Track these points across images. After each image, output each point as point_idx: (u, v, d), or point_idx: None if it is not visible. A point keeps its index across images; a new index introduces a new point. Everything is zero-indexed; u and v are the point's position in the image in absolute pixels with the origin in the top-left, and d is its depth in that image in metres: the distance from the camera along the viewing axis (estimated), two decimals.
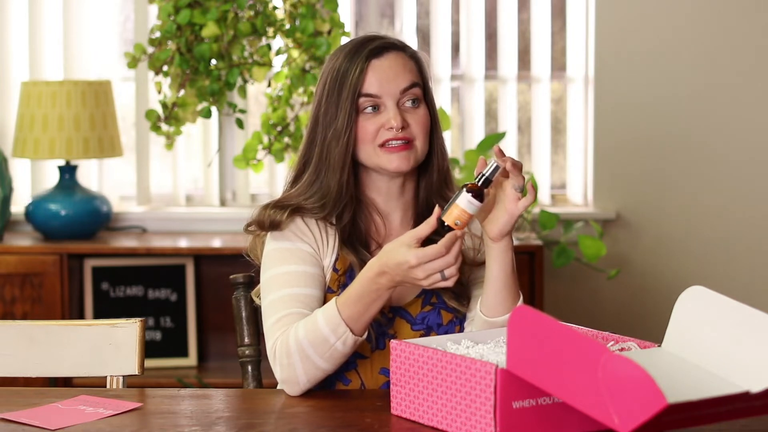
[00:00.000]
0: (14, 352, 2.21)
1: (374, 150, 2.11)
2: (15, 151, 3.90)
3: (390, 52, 2.13)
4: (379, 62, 2.12)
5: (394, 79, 2.11)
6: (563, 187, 4.34)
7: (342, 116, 2.10)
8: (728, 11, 4.14)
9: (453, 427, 1.73)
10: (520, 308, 1.62)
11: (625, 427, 1.46)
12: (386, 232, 2.18)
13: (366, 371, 2.12)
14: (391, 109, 2.10)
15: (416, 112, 2.12)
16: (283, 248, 2.12)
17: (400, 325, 2.14)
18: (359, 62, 2.11)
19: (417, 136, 2.11)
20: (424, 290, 2.15)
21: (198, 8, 3.61)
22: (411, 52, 2.17)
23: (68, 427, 1.82)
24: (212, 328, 4.12)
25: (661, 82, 4.16)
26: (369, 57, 2.11)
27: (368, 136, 2.10)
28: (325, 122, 2.12)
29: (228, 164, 4.22)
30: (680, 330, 1.79)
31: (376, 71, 2.11)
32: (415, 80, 2.13)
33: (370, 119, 2.11)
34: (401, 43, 2.17)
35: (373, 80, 2.10)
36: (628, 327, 4.12)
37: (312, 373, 2.01)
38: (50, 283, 3.80)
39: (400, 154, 2.10)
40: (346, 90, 2.10)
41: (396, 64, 2.12)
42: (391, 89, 2.11)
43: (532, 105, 4.27)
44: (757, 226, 4.19)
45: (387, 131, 2.10)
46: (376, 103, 2.11)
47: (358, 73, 2.10)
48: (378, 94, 2.10)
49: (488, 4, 4.23)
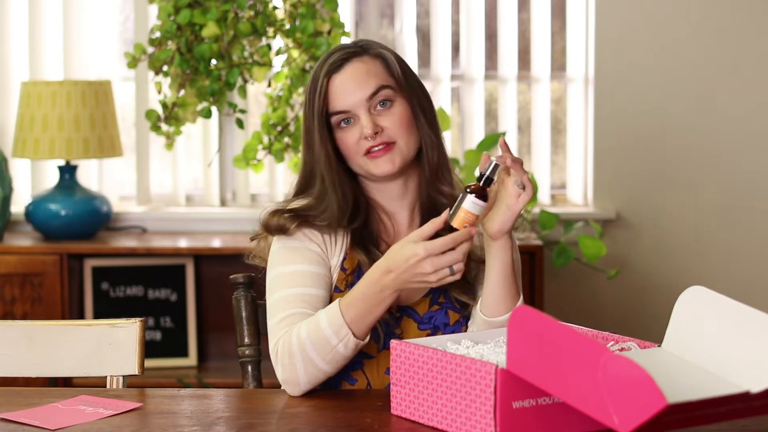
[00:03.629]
0: (14, 352, 2.21)
1: (361, 159, 2.11)
2: (15, 151, 3.90)
3: (349, 63, 2.11)
4: (339, 76, 2.11)
5: (358, 89, 2.09)
6: (563, 187, 4.34)
7: (317, 136, 2.11)
8: (728, 12, 4.14)
9: (453, 427, 1.73)
10: (520, 308, 1.62)
11: (625, 427, 1.46)
12: (395, 232, 2.19)
13: (372, 371, 2.12)
14: (362, 117, 2.09)
15: (390, 112, 2.11)
16: (291, 247, 2.13)
17: (407, 324, 2.14)
18: (321, 81, 2.10)
19: (397, 135, 2.10)
20: (431, 290, 2.15)
21: (198, 8, 3.61)
22: (375, 52, 2.14)
23: (68, 427, 1.82)
24: (212, 328, 4.12)
25: (661, 82, 4.16)
26: (328, 73, 2.11)
27: (351, 149, 2.11)
28: (308, 142, 2.14)
29: (228, 164, 4.22)
30: (680, 330, 1.79)
31: (338, 86, 2.10)
32: (381, 83, 2.11)
33: (347, 132, 2.11)
34: (365, 45, 2.14)
35: (337, 96, 2.10)
36: (628, 327, 4.12)
37: (313, 374, 2.00)
38: (50, 283, 3.80)
39: (384, 158, 2.09)
40: (315, 110, 2.10)
41: (356, 72, 2.11)
42: (356, 100, 2.09)
43: (532, 105, 4.27)
44: (758, 226, 4.19)
45: (365, 140, 2.09)
46: (348, 116, 2.11)
47: (321, 93, 2.10)
48: (345, 108, 2.10)
49: (488, 4, 4.23)
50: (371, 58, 2.13)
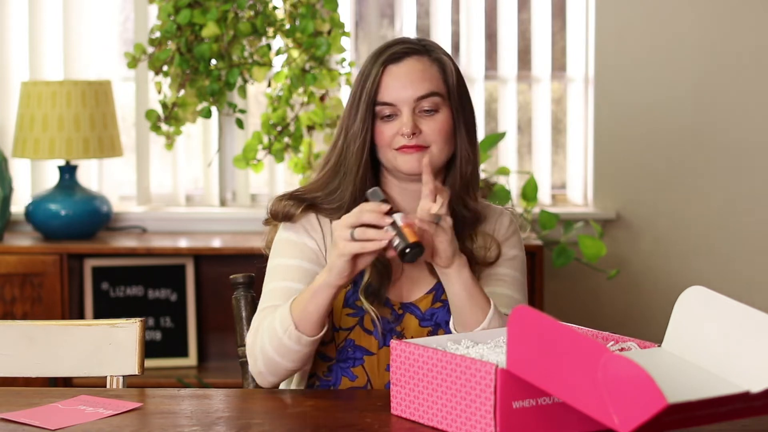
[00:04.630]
0: (14, 352, 2.21)
1: (392, 153, 2.12)
2: (15, 151, 3.90)
3: (409, 58, 2.12)
4: (396, 68, 2.11)
5: (409, 86, 2.10)
6: (563, 187, 4.34)
7: (359, 120, 2.11)
8: (728, 11, 4.14)
9: (453, 427, 1.73)
10: (520, 308, 1.62)
11: (625, 427, 1.46)
12: None
13: (373, 368, 2.13)
14: (405, 115, 2.10)
15: (433, 119, 2.11)
16: (288, 240, 2.15)
17: (409, 320, 2.15)
18: (377, 68, 2.11)
19: (432, 141, 2.11)
20: (434, 287, 2.16)
21: (198, 8, 3.61)
22: (436, 56, 2.14)
23: (68, 427, 1.82)
24: (212, 328, 4.12)
25: (661, 82, 4.16)
26: (386, 63, 2.11)
27: (385, 141, 2.11)
28: (347, 124, 2.14)
29: (228, 164, 4.22)
30: (680, 330, 1.79)
31: (392, 78, 2.11)
32: (433, 88, 2.11)
33: (387, 124, 2.11)
34: (428, 46, 2.15)
35: (388, 88, 2.10)
36: (628, 327, 4.12)
37: (274, 368, 2.05)
38: (50, 283, 3.80)
39: (414, 156, 2.10)
40: (364, 95, 2.11)
41: (414, 70, 2.11)
42: (405, 97, 2.10)
43: (532, 105, 4.27)
44: (758, 226, 4.19)
45: (401, 137, 2.10)
46: (392, 110, 2.11)
47: (374, 79, 2.10)
48: (392, 102, 2.10)
49: (488, 4, 4.23)
50: (430, 61, 2.13)
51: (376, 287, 2.12)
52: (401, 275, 2.16)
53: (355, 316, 2.14)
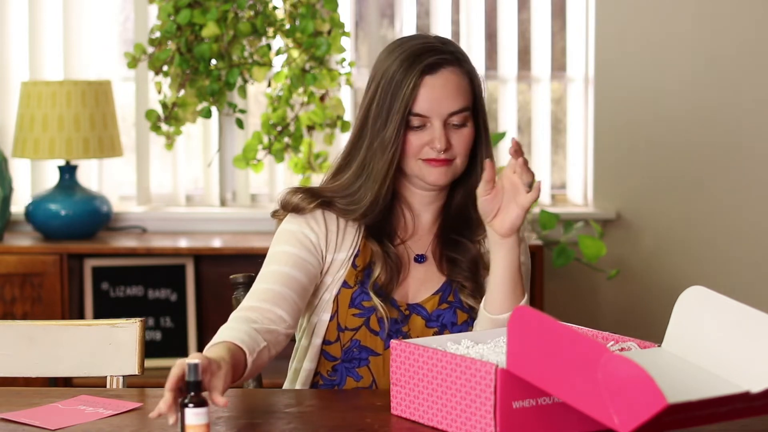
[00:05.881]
0: (14, 352, 2.21)
1: (416, 163, 2.12)
2: (15, 151, 3.90)
3: (445, 69, 2.10)
4: (433, 80, 2.09)
5: (444, 100, 2.09)
6: (563, 187, 4.34)
7: (391, 129, 2.09)
8: (729, 11, 4.14)
9: (453, 427, 1.73)
10: (520, 308, 1.62)
11: (625, 427, 1.46)
12: (413, 230, 2.20)
13: (378, 368, 2.14)
14: (437, 129, 2.09)
15: (461, 133, 2.12)
16: (289, 230, 2.15)
17: (415, 321, 2.15)
18: (413, 77, 2.08)
19: (458, 154, 2.12)
20: (441, 287, 2.17)
21: (198, 8, 3.61)
22: (468, 68, 2.13)
23: (68, 427, 1.82)
24: (212, 328, 4.09)
25: (661, 82, 4.16)
26: (424, 72, 2.09)
27: (413, 150, 2.11)
28: (375, 128, 2.12)
29: (228, 164, 4.22)
30: (680, 330, 1.79)
31: (429, 90, 2.09)
32: (466, 104, 2.11)
33: (416, 134, 2.10)
34: (458, 55, 2.13)
35: (425, 100, 2.09)
36: (628, 327, 4.12)
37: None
38: (50, 283, 3.80)
39: (440, 170, 2.11)
40: (398, 103, 2.09)
41: (449, 83, 2.10)
42: (440, 110, 2.09)
43: (532, 105, 4.27)
44: (758, 226, 4.19)
45: (431, 149, 2.10)
46: (423, 121, 2.10)
47: (411, 88, 2.08)
48: (427, 114, 2.09)
49: (488, 4, 4.22)
50: (463, 73, 2.12)
51: (385, 283, 2.13)
52: (408, 276, 2.17)
53: (362, 317, 2.14)
